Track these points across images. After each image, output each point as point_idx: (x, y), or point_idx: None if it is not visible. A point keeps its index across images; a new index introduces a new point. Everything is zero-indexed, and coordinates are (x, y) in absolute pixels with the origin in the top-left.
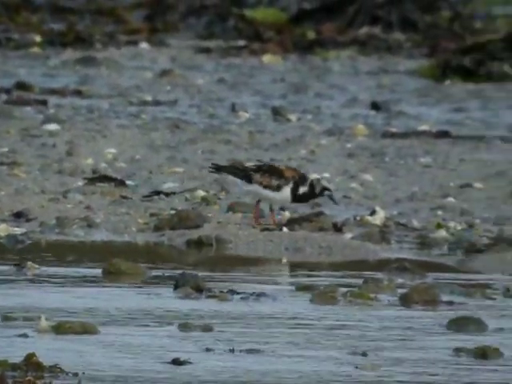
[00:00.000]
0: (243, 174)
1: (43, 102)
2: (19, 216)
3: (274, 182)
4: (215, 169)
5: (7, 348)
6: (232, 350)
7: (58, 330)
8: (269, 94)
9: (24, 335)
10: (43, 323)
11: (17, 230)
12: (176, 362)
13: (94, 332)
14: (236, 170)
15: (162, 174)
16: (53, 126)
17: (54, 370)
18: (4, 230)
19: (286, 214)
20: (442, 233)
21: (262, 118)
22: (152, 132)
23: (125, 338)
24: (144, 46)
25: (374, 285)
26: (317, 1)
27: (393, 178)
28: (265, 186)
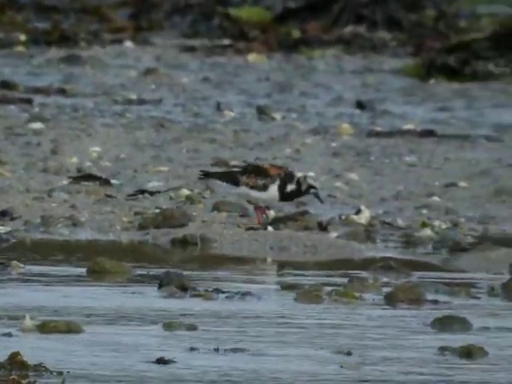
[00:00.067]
0: (230, 178)
1: (28, 101)
2: (4, 215)
3: (260, 182)
4: (204, 175)
5: None
6: (217, 350)
7: (43, 328)
8: (254, 93)
9: (8, 334)
10: (28, 322)
11: (1, 229)
12: (160, 362)
13: (79, 331)
14: (223, 175)
15: (146, 172)
16: (37, 125)
17: (39, 368)
18: None
19: (271, 213)
20: (427, 232)
21: (246, 116)
22: (137, 131)
23: (109, 337)
24: (129, 44)
25: (359, 284)
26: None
27: (378, 177)
28: (251, 187)
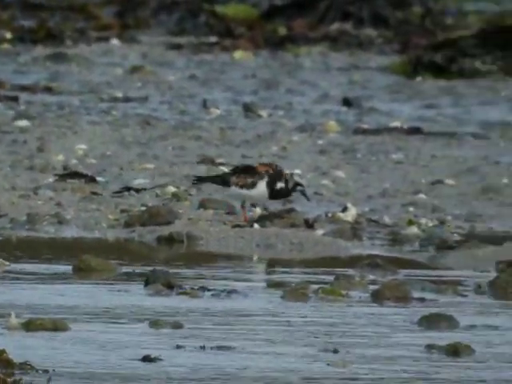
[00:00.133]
0: (222, 180)
1: (14, 99)
2: None
3: (249, 180)
4: (198, 180)
5: None
6: (203, 347)
7: (29, 326)
8: (240, 90)
9: None
10: (13, 320)
11: None
12: (146, 359)
13: (65, 329)
14: (215, 178)
15: (132, 170)
16: (23, 123)
17: (24, 366)
18: None
19: (258, 211)
20: (414, 229)
21: (233, 114)
22: (123, 128)
23: (95, 334)
24: (115, 42)
25: (346, 281)
26: None
27: (364, 175)
28: (241, 186)
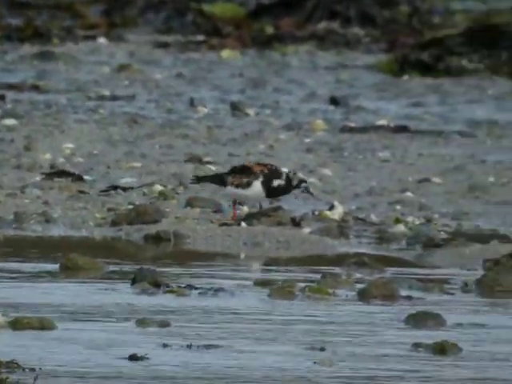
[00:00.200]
0: (219, 180)
1: (1, 97)
2: None
3: (244, 180)
4: (196, 180)
5: None
6: (190, 346)
7: (15, 325)
8: (227, 89)
9: None
10: (0, 319)
11: None
12: (133, 358)
13: (52, 327)
14: (213, 177)
15: (119, 168)
16: (11, 121)
17: (11, 365)
18: None
19: (245, 209)
20: (401, 227)
21: (220, 112)
22: (110, 127)
23: (82, 333)
24: (102, 40)
25: (333, 280)
26: None
27: (351, 173)
28: (236, 186)
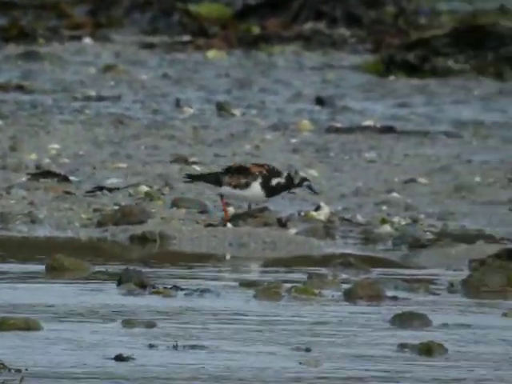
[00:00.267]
0: (214, 179)
1: None
2: None
3: (242, 181)
4: (189, 178)
5: None
6: (175, 346)
7: (1, 326)
8: (213, 90)
9: None
10: None
11: None
12: (119, 359)
13: (38, 328)
14: (207, 176)
15: (105, 169)
16: None
17: None
18: None
19: (231, 210)
20: (387, 228)
21: (206, 113)
22: (95, 127)
23: (68, 334)
24: (88, 41)
25: (319, 280)
26: None
27: (337, 174)
28: (234, 186)
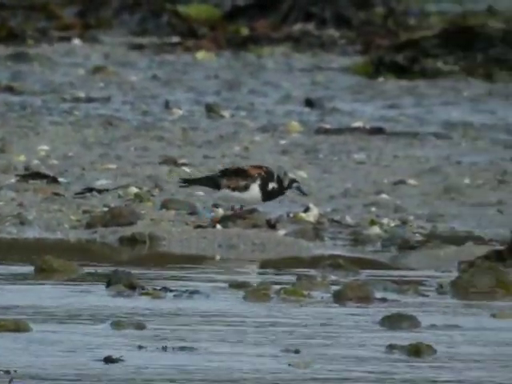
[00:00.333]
0: (211, 182)
1: None
2: None
3: (241, 183)
4: (185, 182)
5: None
6: (165, 348)
7: None
8: (202, 91)
9: None
10: None
11: None
12: (108, 360)
13: (27, 329)
14: (205, 180)
15: (94, 170)
16: None
17: None
18: None
19: (220, 211)
20: (376, 229)
21: (195, 114)
22: (85, 129)
23: (57, 335)
24: (77, 42)
25: (308, 282)
26: None
27: (326, 175)
28: (233, 189)
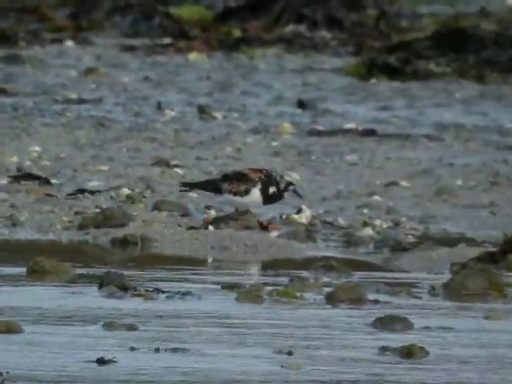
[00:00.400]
0: (212, 187)
1: None
2: None
3: (242, 187)
4: (186, 186)
5: None
6: (157, 349)
7: None
8: (194, 92)
9: None
10: None
11: None
12: (101, 361)
13: (19, 331)
14: (206, 184)
15: (86, 172)
16: None
17: None
18: None
19: (212, 213)
20: (368, 231)
21: (187, 116)
22: (77, 130)
23: (49, 337)
24: (69, 44)
25: (300, 283)
26: None
27: (319, 177)
28: (235, 193)
